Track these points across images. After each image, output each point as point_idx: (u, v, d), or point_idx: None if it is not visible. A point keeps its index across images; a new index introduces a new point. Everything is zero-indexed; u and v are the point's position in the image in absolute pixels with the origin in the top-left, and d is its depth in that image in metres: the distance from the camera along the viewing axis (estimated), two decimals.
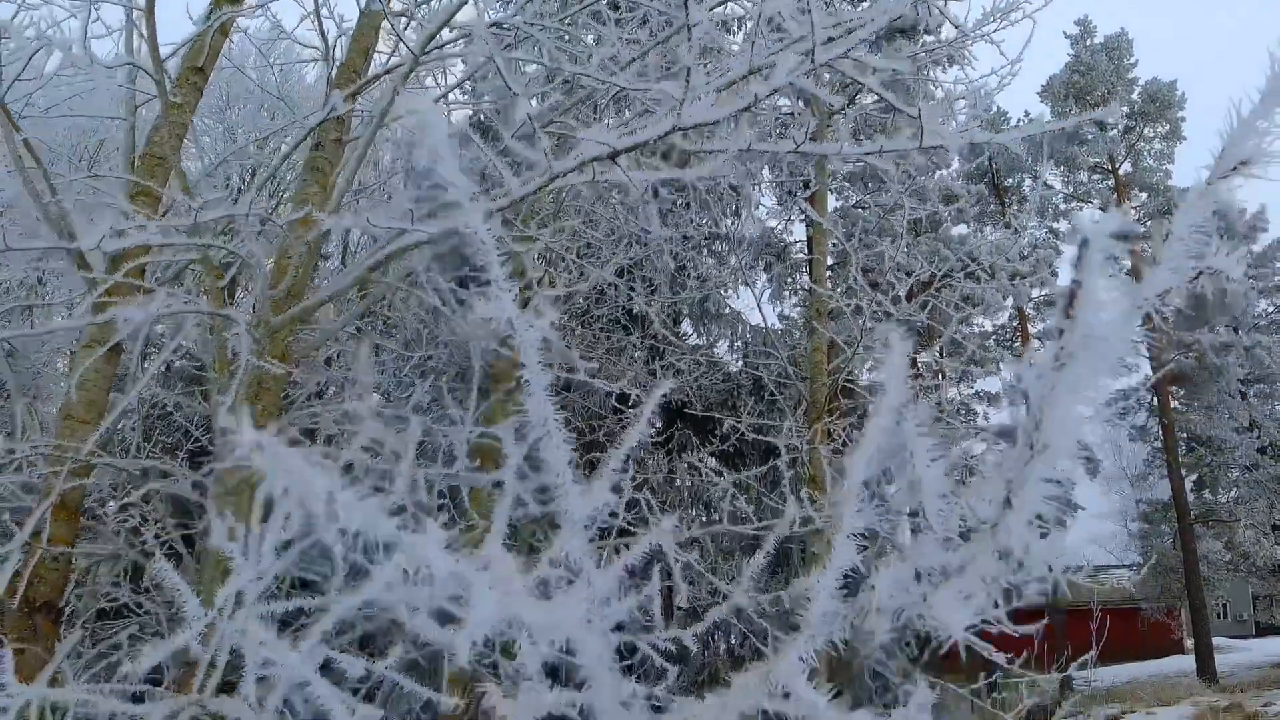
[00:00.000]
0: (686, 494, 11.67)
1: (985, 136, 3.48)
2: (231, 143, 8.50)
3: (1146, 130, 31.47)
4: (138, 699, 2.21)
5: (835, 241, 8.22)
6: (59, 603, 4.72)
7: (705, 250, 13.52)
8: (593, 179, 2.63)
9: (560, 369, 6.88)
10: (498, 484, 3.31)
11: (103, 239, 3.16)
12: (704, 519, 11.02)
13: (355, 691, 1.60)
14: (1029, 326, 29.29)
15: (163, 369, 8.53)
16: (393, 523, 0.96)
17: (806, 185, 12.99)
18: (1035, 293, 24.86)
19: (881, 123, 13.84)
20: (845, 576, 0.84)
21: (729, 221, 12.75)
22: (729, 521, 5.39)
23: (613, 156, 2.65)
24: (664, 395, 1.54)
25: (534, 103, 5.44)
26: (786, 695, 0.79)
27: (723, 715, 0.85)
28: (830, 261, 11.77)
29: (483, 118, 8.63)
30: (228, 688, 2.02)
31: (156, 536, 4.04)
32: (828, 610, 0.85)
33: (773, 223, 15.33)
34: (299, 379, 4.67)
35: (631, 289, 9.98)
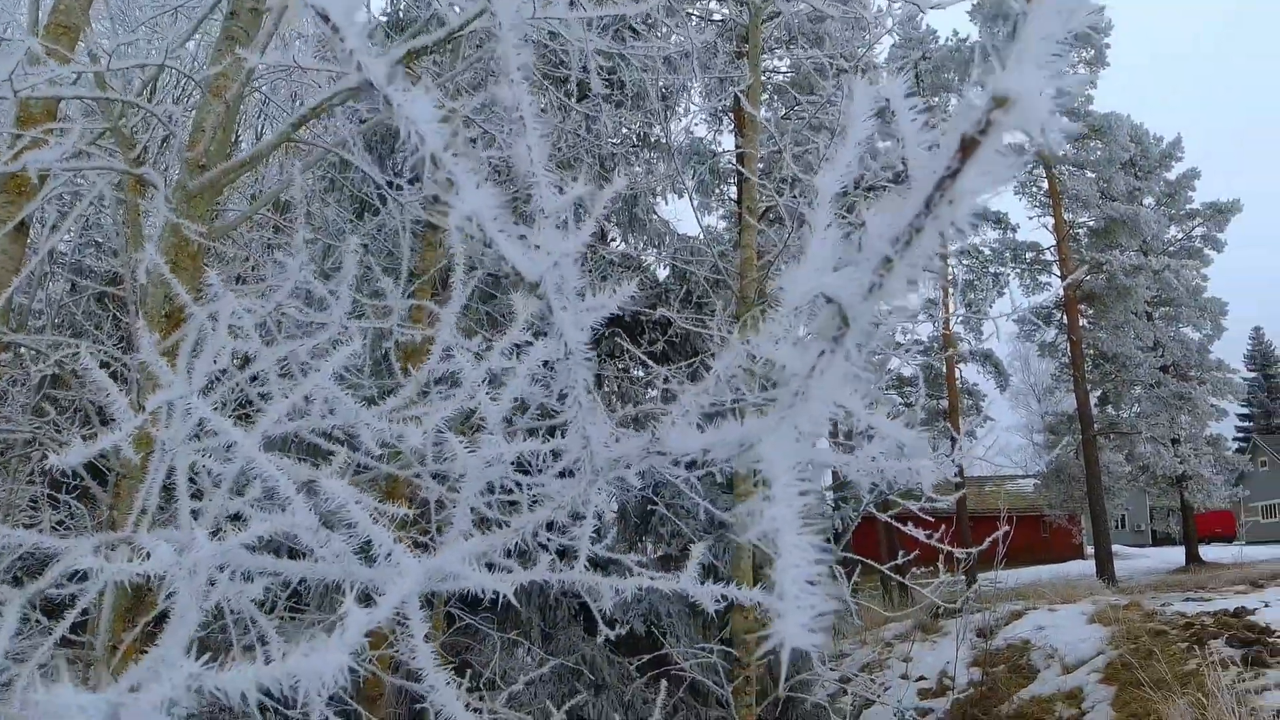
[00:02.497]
0: (615, 399, 11.76)
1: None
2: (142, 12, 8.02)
3: (1071, 55, 31.86)
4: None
5: (768, 135, 8.18)
6: None
7: (634, 158, 13.38)
8: (533, 15, 2.55)
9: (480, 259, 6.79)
10: (429, 339, 3.26)
11: (12, 73, 2.96)
12: (631, 421, 11.13)
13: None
14: (947, 245, 29.85)
15: (73, 273, 8.18)
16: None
17: (736, 100, 12.89)
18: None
19: (814, 30, 13.75)
20: None
21: (658, 130, 12.62)
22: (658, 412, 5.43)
23: None
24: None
25: None
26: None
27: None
28: (760, 168, 11.74)
29: None
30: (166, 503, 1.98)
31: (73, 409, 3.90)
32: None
33: (702, 132, 15.21)
34: (218, 251, 4.50)
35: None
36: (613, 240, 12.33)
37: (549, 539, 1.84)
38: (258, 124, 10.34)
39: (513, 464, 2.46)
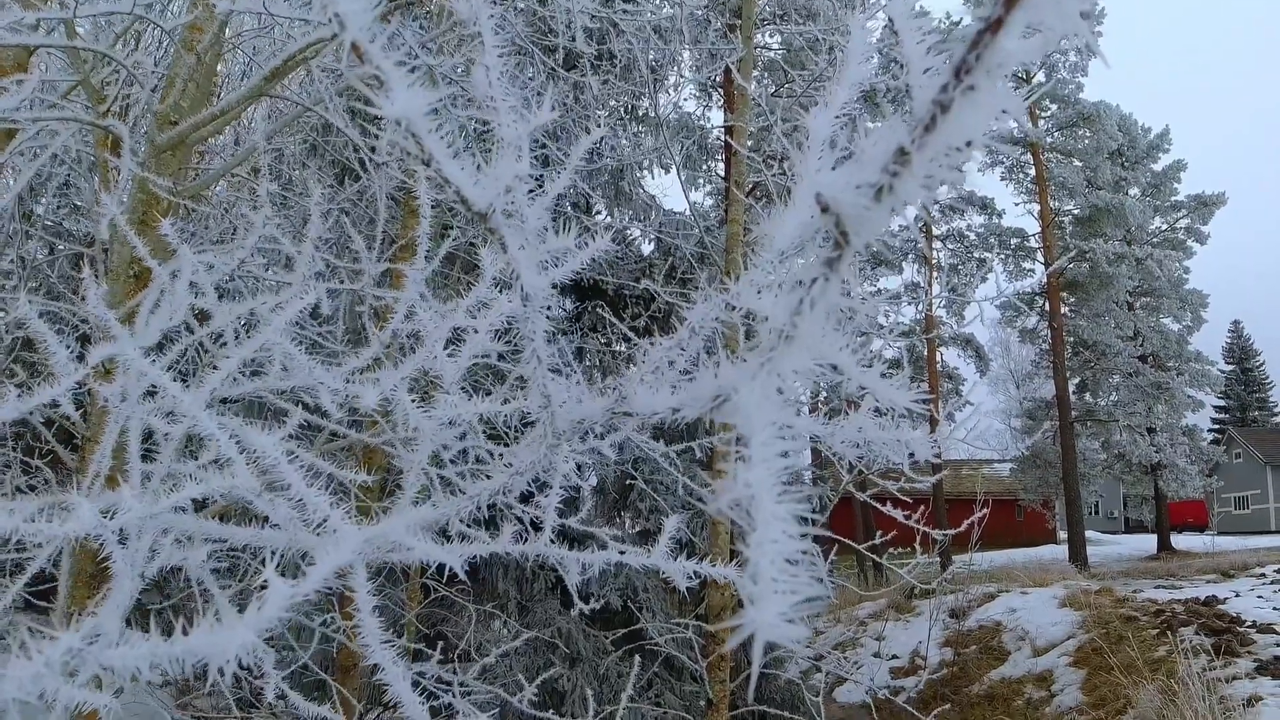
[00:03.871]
0: (596, 374, 11.68)
1: None
2: None
3: (1063, 41, 31.79)
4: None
5: (758, 110, 8.07)
6: None
7: (621, 130, 13.23)
8: None
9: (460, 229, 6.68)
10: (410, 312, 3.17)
11: None
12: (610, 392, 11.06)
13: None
14: (932, 229, 29.91)
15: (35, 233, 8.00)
16: None
17: (727, 73, 12.74)
18: (940, 192, 25.27)
19: (806, 4, 13.60)
20: None
21: (646, 103, 12.47)
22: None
23: None
24: (575, 273, 1.42)
25: None
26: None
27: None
28: (748, 145, 11.64)
29: None
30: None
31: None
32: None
33: (690, 107, 15.07)
34: (196, 213, 4.37)
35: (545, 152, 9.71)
36: (598, 213, 12.20)
37: (524, 511, 1.77)
38: (240, 87, 10.10)
39: (486, 433, 2.38)
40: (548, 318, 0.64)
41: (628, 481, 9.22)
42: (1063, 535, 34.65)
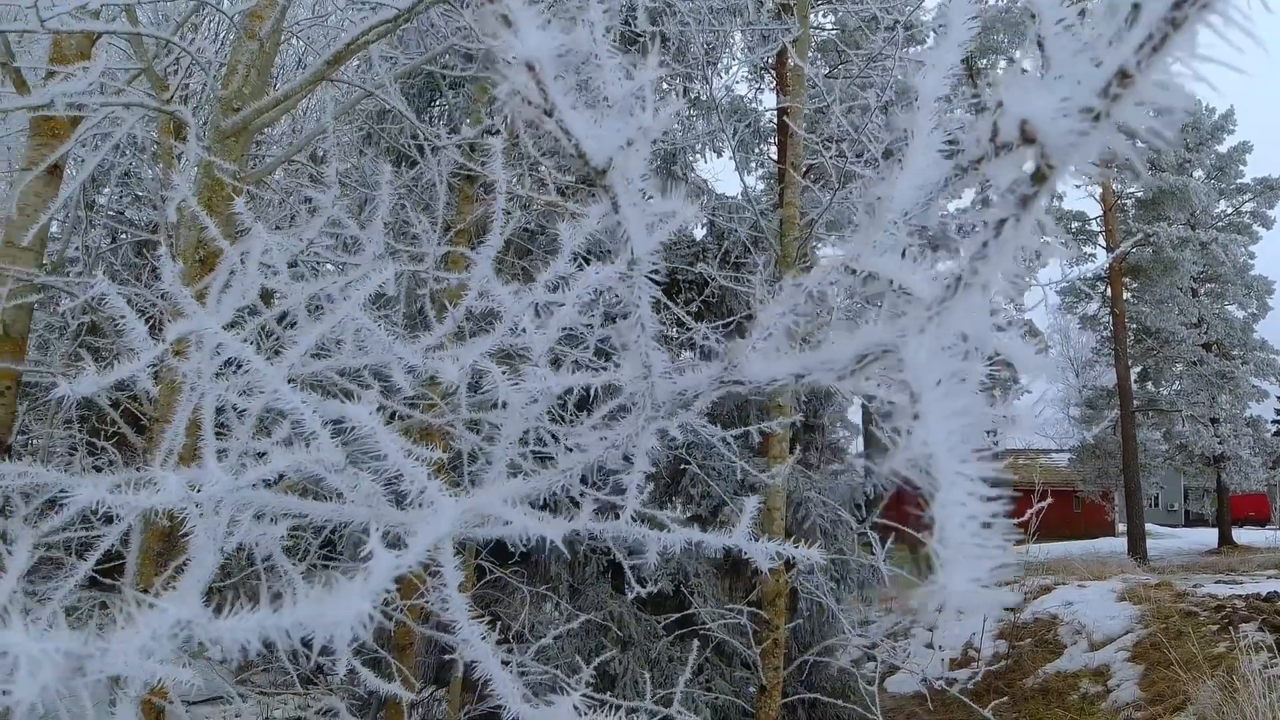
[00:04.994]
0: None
1: None
2: None
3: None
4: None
5: (814, 90, 7.95)
6: (8, 439, 4.54)
7: (674, 115, 13.16)
8: None
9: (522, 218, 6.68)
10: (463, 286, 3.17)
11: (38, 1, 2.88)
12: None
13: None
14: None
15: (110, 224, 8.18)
16: None
17: (779, 55, 12.59)
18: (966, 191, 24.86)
19: None
20: None
21: (697, 86, 12.38)
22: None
23: None
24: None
25: None
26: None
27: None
28: (803, 127, 11.52)
29: None
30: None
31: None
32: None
33: (742, 90, 14.93)
34: (255, 197, 4.43)
35: None
36: (649, 198, 12.17)
37: (582, 492, 1.75)
38: (295, 77, 10.25)
39: (548, 414, 2.37)
40: (653, 280, 0.62)
41: (681, 466, 9.21)
42: (1121, 528, 33.94)
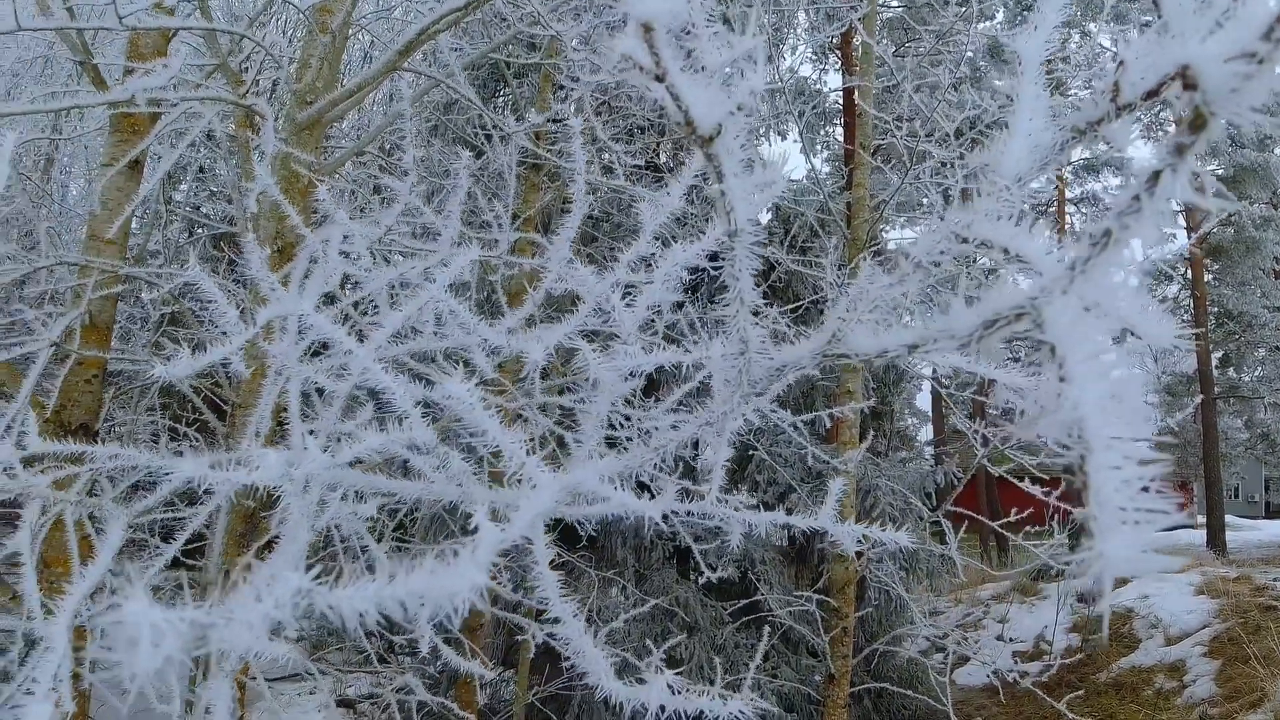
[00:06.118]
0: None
1: None
2: None
3: None
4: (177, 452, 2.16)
5: (881, 65, 7.81)
6: (95, 425, 4.71)
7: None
8: None
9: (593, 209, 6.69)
10: (535, 275, 3.20)
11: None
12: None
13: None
14: (1065, 191, 28.59)
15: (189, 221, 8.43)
16: None
17: (844, 35, 12.39)
18: (1075, 155, 24.19)
19: None
20: None
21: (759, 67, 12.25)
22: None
23: None
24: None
25: None
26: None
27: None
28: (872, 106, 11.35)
29: None
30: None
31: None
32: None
33: (806, 72, 14.75)
34: (327, 182, 4.51)
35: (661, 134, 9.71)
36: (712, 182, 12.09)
37: (653, 477, 1.75)
38: (360, 71, 10.45)
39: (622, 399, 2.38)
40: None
41: (748, 453, 9.17)
42: (1201, 519, 32.87)
